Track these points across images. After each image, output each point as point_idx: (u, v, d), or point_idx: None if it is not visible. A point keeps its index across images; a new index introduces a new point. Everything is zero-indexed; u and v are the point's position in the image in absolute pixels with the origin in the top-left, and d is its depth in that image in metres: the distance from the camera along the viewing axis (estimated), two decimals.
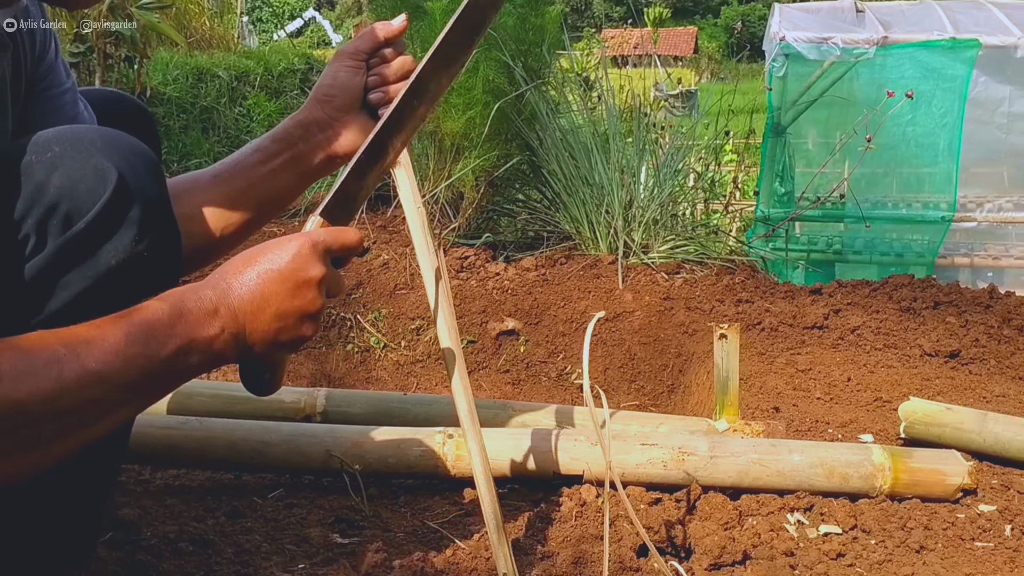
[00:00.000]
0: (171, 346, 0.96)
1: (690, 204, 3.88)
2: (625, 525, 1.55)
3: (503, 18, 3.25)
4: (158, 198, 1.07)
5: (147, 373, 0.94)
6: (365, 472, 1.73)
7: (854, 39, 4.16)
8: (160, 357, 0.95)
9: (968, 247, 4.44)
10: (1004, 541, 1.57)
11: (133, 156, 1.05)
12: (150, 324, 0.95)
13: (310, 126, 1.35)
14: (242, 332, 1.02)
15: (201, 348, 0.98)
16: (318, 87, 1.36)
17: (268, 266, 1.04)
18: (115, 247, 1.02)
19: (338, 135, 1.36)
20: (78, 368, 0.89)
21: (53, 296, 1.00)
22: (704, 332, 2.66)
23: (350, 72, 1.34)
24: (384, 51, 1.35)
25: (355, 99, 1.35)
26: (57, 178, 0.99)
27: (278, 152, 1.36)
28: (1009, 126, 4.32)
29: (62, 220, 0.99)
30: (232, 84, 5.17)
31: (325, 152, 1.36)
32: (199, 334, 0.98)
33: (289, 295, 1.04)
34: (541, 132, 3.32)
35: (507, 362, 2.81)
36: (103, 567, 1.38)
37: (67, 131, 1.05)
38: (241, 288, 1.02)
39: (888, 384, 2.25)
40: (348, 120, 1.35)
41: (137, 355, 0.93)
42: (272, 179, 1.36)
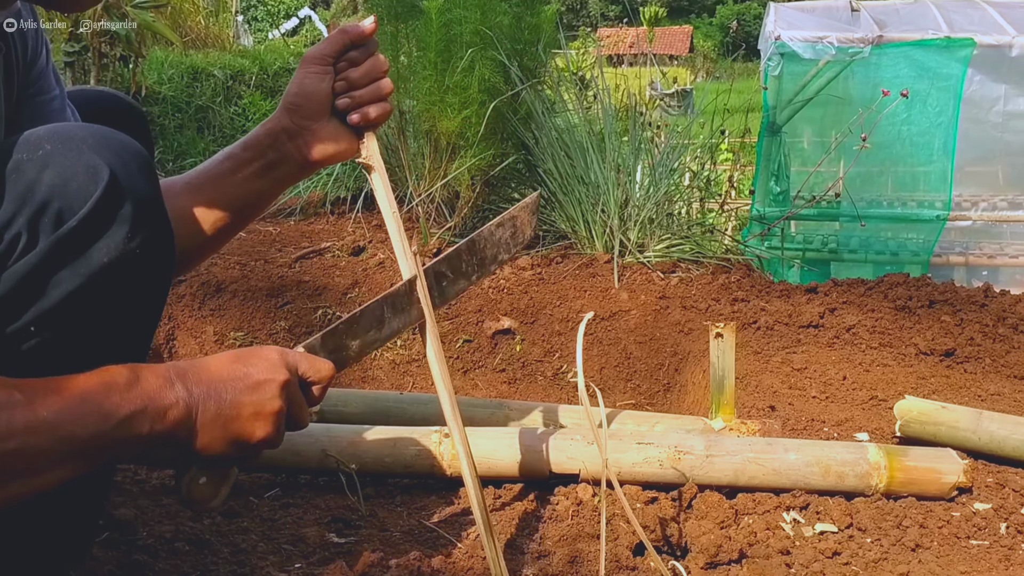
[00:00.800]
0: (126, 409, 0.97)
1: (686, 203, 3.88)
2: (621, 524, 1.55)
3: (499, 17, 3.25)
4: (150, 196, 1.07)
5: (97, 433, 0.95)
6: (361, 471, 1.73)
7: (849, 38, 4.16)
8: (114, 417, 0.96)
9: (963, 246, 4.45)
10: (999, 539, 1.58)
11: (125, 153, 1.05)
12: (109, 384, 0.97)
13: (279, 135, 1.34)
14: (195, 411, 1.03)
15: (154, 415, 0.99)
16: (286, 95, 1.34)
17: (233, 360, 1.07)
18: (107, 245, 1.02)
19: (308, 143, 1.34)
20: (30, 415, 0.91)
21: (45, 294, 0.99)
22: (700, 331, 2.66)
23: (315, 79, 1.31)
24: (352, 54, 1.32)
25: (323, 106, 1.32)
26: (48, 176, 0.99)
27: (249, 160, 1.35)
28: (1004, 125, 4.32)
29: (54, 218, 0.99)
30: (227, 83, 5.17)
31: (295, 161, 1.35)
32: (155, 402, 0.99)
33: (247, 387, 1.06)
34: (537, 131, 3.32)
35: (503, 361, 2.81)
36: (99, 567, 1.38)
37: (58, 129, 1.05)
38: (202, 370, 1.05)
39: (883, 383, 2.25)
40: (317, 128, 1.33)
41: (91, 412, 0.95)
42: (244, 186, 1.36)
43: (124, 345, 1.11)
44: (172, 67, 5.06)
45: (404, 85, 3.37)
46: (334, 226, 3.50)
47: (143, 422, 0.98)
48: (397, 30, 3.40)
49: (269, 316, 2.86)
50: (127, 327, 1.10)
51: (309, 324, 2.87)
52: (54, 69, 1.30)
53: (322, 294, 2.93)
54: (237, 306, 2.86)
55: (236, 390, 1.05)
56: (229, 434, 1.05)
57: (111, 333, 1.07)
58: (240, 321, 2.84)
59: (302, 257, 3.12)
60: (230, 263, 3.02)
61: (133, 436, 0.98)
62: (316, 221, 3.61)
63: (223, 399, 1.04)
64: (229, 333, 2.80)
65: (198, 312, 2.84)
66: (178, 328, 2.81)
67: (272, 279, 2.95)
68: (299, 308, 2.88)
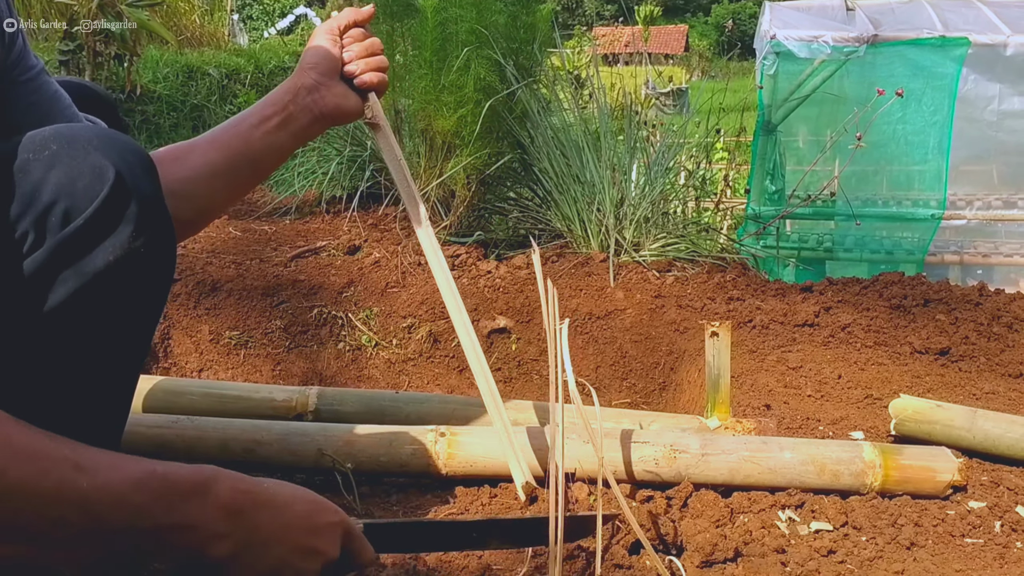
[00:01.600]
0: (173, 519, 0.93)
1: (681, 202, 3.88)
2: (617, 523, 1.55)
3: (494, 16, 3.25)
4: (153, 195, 1.08)
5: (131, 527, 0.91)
6: (357, 470, 1.73)
7: (844, 37, 4.17)
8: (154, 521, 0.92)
9: (958, 245, 4.46)
10: (994, 537, 1.58)
11: (129, 154, 1.06)
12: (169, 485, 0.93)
13: (299, 90, 1.47)
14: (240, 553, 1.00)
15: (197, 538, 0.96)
16: (303, 57, 1.51)
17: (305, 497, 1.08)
18: (112, 244, 1.03)
19: (324, 98, 1.48)
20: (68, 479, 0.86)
21: (51, 292, 1.00)
22: (695, 330, 2.66)
23: (329, 42, 1.50)
24: (355, 31, 1.53)
25: (335, 67, 1.50)
26: (55, 176, 1.00)
27: (271, 115, 1.46)
28: (999, 124, 4.33)
29: (60, 217, 1.00)
30: (222, 82, 5.16)
31: (313, 113, 1.48)
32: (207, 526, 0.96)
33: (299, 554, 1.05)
34: (532, 130, 3.32)
35: (498, 360, 2.81)
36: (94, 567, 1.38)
37: (64, 129, 1.06)
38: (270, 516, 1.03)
39: (878, 381, 2.26)
40: (331, 84, 1.49)
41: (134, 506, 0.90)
42: (266, 140, 1.46)
43: (126, 343, 1.12)
44: (167, 66, 5.05)
45: (400, 84, 3.37)
46: (330, 225, 3.50)
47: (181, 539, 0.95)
48: (393, 29, 3.40)
49: (265, 315, 2.86)
50: (129, 325, 1.11)
51: (304, 323, 2.87)
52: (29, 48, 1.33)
53: (318, 293, 2.93)
54: (233, 305, 2.86)
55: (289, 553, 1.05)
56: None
57: (113, 332, 1.08)
58: (236, 320, 2.83)
59: (297, 256, 3.11)
60: (225, 262, 3.01)
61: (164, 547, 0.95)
62: (311, 220, 3.61)
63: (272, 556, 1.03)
64: (225, 332, 2.80)
65: (193, 311, 2.83)
66: (173, 327, 2.80)
67: (268, 278, 2.94)
68: (295, 307, 2.88)
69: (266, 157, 1.48)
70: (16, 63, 1.26)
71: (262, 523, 1.02)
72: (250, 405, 1.97)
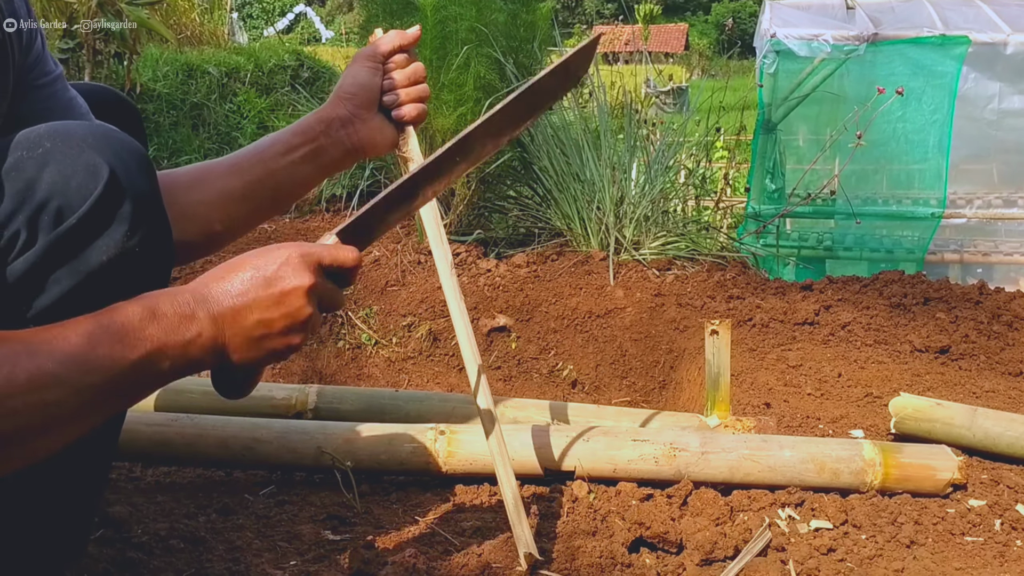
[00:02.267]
0: (140, 349, 0.93)
1: (681, 200, 3.88)
2: (617, 521, 1.55)
3: (494, 15, 3.25)
4: (149, 194, 1.07)
5: (111, 377, 0.91)
6: (356, 469, 1.73)
7: (844, 36, 4.16)
8: (128, 360, 0.92)
9: (958, 243, 4.45)
10: (994, 536, 1.58)
11: (124, 152, 1.05)
12: (119, 325, 0.93)
13: (332, 122, 1.41)
14: (221, 337, 0.99)
15: (174, 353, 0.95)
16: (340, 86, 1.43)
17: (253, 272, 1.02)
18: (106, 243, 1.02)
19: (358, 131, 1.42)
20: (32, 367, 0.87)
21: (44, 292, 0.99)
22: (695, 328, 2.66)
23: (369, 73, 1.42)
24: (398, 57, 1.44)
25: (374, 98, 1.43)
26: (48, 174, 0.99)
27: (299, 145, 1.41)
28: (999, 123, 4.33)
29: (53, 216, 0.99)
30: (222, 80, 5.15)
31: (344, 147, 1.43)
32: (173, 338, 0.95)
33: (274, 302, 1.01)
34: (532, 129, 3.32)
35: (498, 359, 2.81)
36: (93, 565, 1.38)
37: (58, 127, 1.05)
38: (222, 293, 1.00)
39: (878, 380, 2.26)
40: (368, 117, 1.43)
41: (101, 357, 0.90)
42: (291, 170, 1.41)
43: None
44: (166, 64, 5.04)
45: None
46: (329, 223, 3.50)
47: (161, 360, 0.95)
48: (392, 27, 3.39)
49: None
50: None
51: None
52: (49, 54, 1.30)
53: None
54: None
55: (263, 307, 1.01)
56: (261, 350, 1.03)
57: None
58: None
59: None
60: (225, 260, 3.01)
61: (152, 376, 0.95)
62: (312, 219, 3.61)
63: (250, 320, 1.01)
64: None
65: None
66: None
67: None
68: None
69: (289, 188, 1.43)
70: (32, 66, 1.24)
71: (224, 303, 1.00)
72: (250, 403, 1.97)
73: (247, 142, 4.73)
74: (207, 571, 1.41)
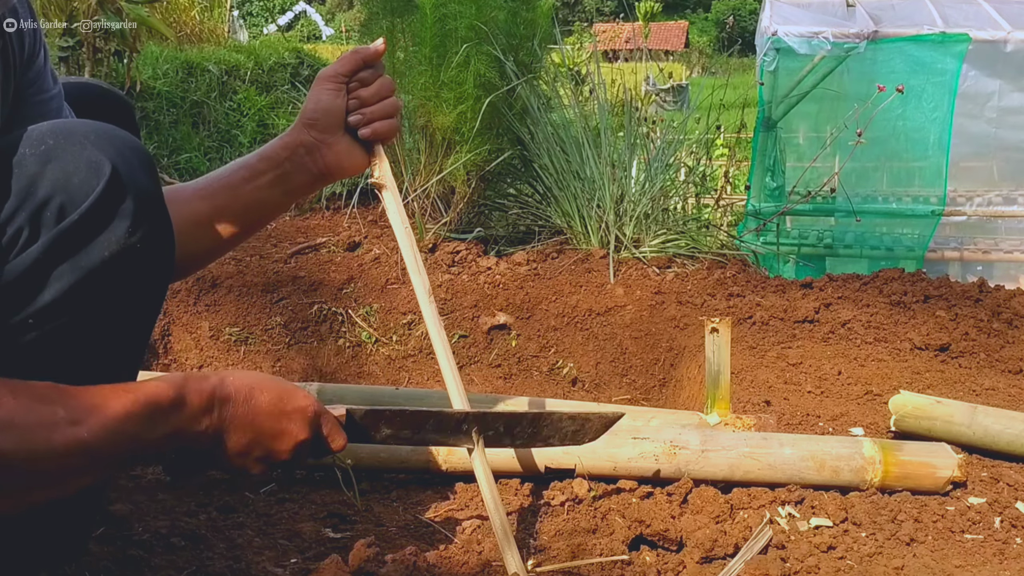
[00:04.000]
0: (160, 432, 1.03)
1: (681, 198, 3.88)
2: (617, 519, 1.55)
3: (494, 12, 3.25)
4: (151, 191, 1.08)
5: (129, 450, 1.01)
6: (357, 467, 1.73)
7: (845, 33, 4.16)
8: (147, 440, 1.01)
9: (958, 241, 4.45)
10: (993, 533, 1.58)
11: (126, 149, 1.06)
12: (152, 408, 1.01)
13: (297, 148, 1.40)
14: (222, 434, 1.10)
15: (184, 438, 1.06)
16: (303, 111, 1.41)
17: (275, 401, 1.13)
18: (108, 239, 1.02)
19: (324, 156, 1.41)
20: (71, 438, 0.94)
21: (46, 288, 1.00)
22: (695, 326, 2.66)
23: (331, 95, 1.39)
24: (362, 74, 1.40)
25: (338, 121, 1.40)
26: (51, 171, 1.00)
27: (264, 171, 1.40)
28: (999, 120, 4.33)
29: (56, 212, 0.99)
30: (222, 78, 5.14)
31: (311, 173, 1.41)
32: (190, 428, 1.06)
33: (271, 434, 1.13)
34: (532, 126, 3.32)
35: (498, 356, 2.81)
36: (94, 562, 1.38)
37: (61, 124, 1.06)
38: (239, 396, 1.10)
39: (878, 377, 2.26)
40: (333, 141, 1.40)
41: (129, 435, 0.99)
42: (257, 195, 1.41)
43: (124, 339, 1.12)
44: (166, 62, 5.03)
45: (400, 80, 3.36)
46: (330, 221, 3.50)
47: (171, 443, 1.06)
48: (393, 25, 3.40)
49: (265, 311, 2.86)
50: (127, 321, 1.11)
51: (304, 320, 2.86)
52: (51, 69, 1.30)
53: (318, 289, 2.93)
54: (232, 301, 2.86)
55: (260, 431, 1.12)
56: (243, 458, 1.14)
57: (111, 327, 1.08)
58: (236, 316, 2.83)
59: (297, 252, 3.11)
60: (225, 259, 3.01)
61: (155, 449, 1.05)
62: (312, 217, 3.61)
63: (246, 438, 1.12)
64: (225, 328, 2.80)
65: (193, 308, 2.83)
66: (173, 323, 2.80)
67: (268, 274, 2.94)
68: (295, 303, 2.88)
69: (256, 212, 1.43)
70: (32, 81, 1.24)
71: (230, 414, 1.09)
72: None
73: (247, 140, 4.74)
74: (208, 569, 1.41)
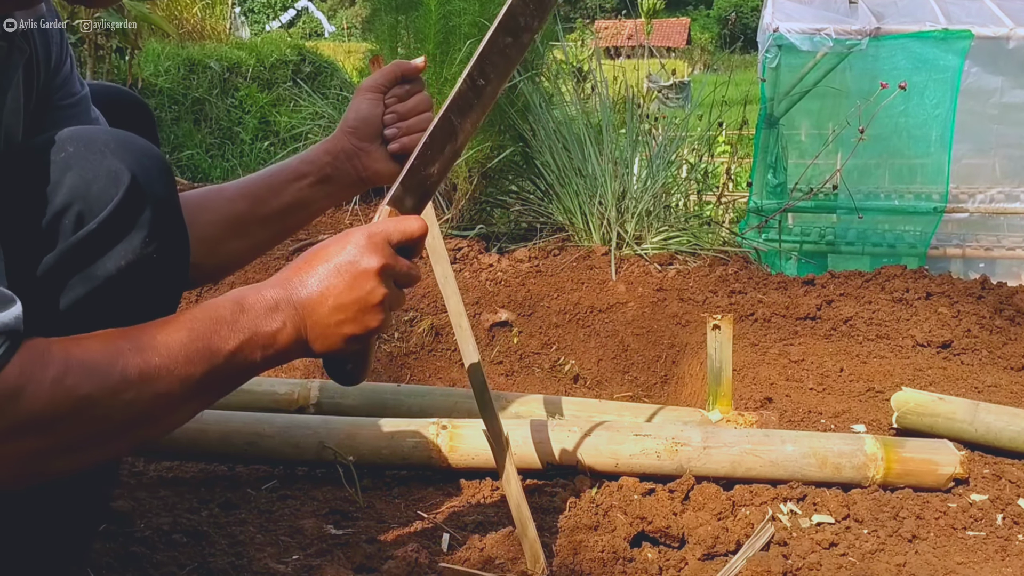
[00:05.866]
0: (234, 341, 0.99)
1: (683, 195, 3.88)
2: (619, 515, 1.55)
3: (497, 8, 3.24)
4: (168, 200, 1.08)
5: (211, 368, 0.97)
6: (359, 463, 1.73)
7: (847, 30, 4.15)
8: (224, 352, 0.98)
9: (960, 238, 4.45)
10: (995, 530, 1.58)
11: (145, 158, 1.06)
12: (213, 320, 0.99)
13: (338, 154, 1.44)
14: (303, 326, 1.04)
15: (264, 343, 1.01)
16: (344, 119, 1.45)
17: (326, 262, 1.07)
18: (125, 248, 1.03)
19: (363, 163, 1.44)
20: (142, 363, 0.92)
21: (63, 295, 1.00)
22: (697, 323, 2.66)
23: (370, 105, 1.43)
24: (400, 88, 1.45)
25: (376, 130, 1.44)
26: (70, 179, 1.00)
27: (307, 173, 1.43)
28: (1001, 117, 4.32)
29: (73, 220, 0.99)
30: (224, 75, 5.15)
31: (351, 178, 1.45)
32: (261, 328, 1.01)
33: (347, 287, 1.05)
34: (534, 123, 3.32)
35: (500, 353, 2.81)
36: (97, 559, 1.38)
37: (80, 132, 1.06)
38: (300, 284, 1.05)
39: (880, 374, 2.26)
40: (372, 149, 1.44)
41: (200, 351, 0.96)
42: (298, 195, 1.43)
43: None
44: (168, 59, 5.04)
45: None
46: (331, 218, 3.50)
47: (253, 351, 1.01)
48: (396, 21, 3.40)
49: None
50: None
51: None
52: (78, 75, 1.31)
53: None
54: None
55: (336, 294, 1.05)
56: (342, 335, 1.06)
57: None
58: None
59: (299, 249, 3.11)
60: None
61: (247, 366, 1.01)
62: None
63: (326, 308, 1.05)
64: None
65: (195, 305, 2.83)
66: None
67: (270, 271, 2.94)
68: None
69: (297, 213, 1.45)
70: (61, 86, 1.25)
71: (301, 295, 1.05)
72: (252, 398, 1.98)
73: (249, 137, 4.74)
74: (210, 565, 1.42)
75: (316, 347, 1.06)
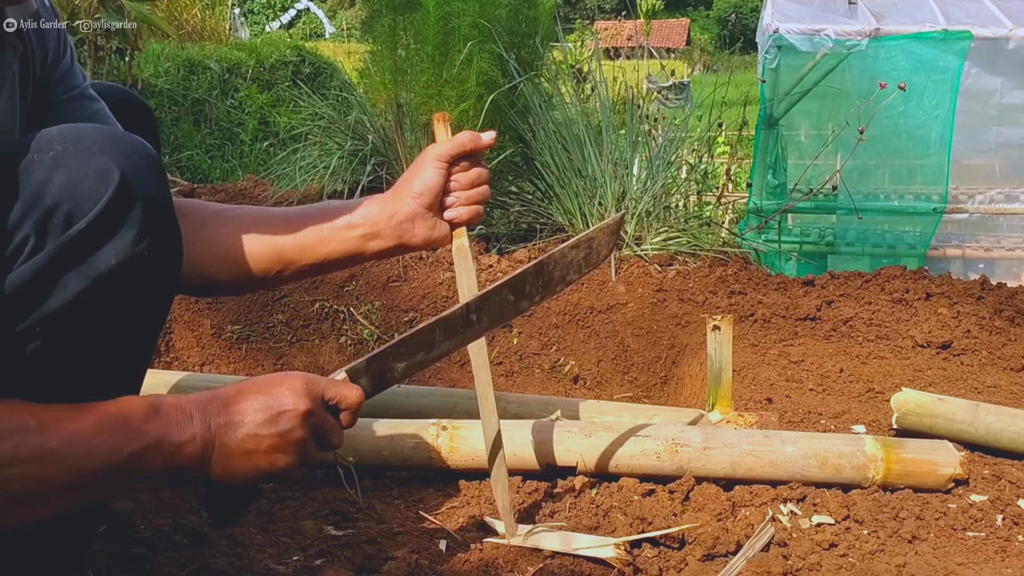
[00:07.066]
0: (138, 443, 0.98)
1: (683, 196, 3.88)
2: (619, 516, 1.55)
3: (497, 10, 3.25)
4: (160, 198, 1.07)
5: (105, 466, 0.96)
6: (359, 464, 1.73)
7: (846, 31, 4.15)
8: (125, 451, 0.97)
9: (960, 238, 4.45)
10: (995, 531, 1.58)
11: (136, 156, 1.05)
12: (124, 418, 0.98)
13: (395, 215, 1.43)
14: (211, 446, 1.03)
15: (168, 451, 1.00)
16: (410, 183, 1.44)
17: (256, 393, 1.07)
18: (116, 247, 1.02)
19: (416, 227, 1.44)
20: (38, 443, 0.92)
21: (52, 295, 0.99)
22: (697, 324, 2.66)
23: (437, 174, 1.44)
24: (465, 160, 1.46)
25: (437, 199, 1.45)
26: (59, 177, 0.99)
27: (359, 225, 1.43)
28: (1000, 118, 4.32)
29: (63, 219, 0.98)
30: (223, 76, 5.15)
31: (400, 239, 1.44)
32: (170, 436, 1.00)
33: (268, 420, 1.06)
34: (534, 124, 3.32)
35: (500, 354, 2.81)
36: (97, 560, 1.38)
37: (70, 130, 1.05)
38: (223, 405, 1.05)
39: (880, 375, 2.26)
40: (428, 215, 1.44)
41: (102, 444, 0.95)
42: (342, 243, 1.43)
43: (128, 348, 1.11)
44: (168, 60, 5.04)
45: (402, 78, 3.36)
46: None
47: (154, 458, 0.99)
48: (395, 22, 3.39)
49: (266, 309, 2.86)
50: (132, 329, 1.10)
51: (306, 317, 2.87)
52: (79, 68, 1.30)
53: (319, 287, 2.93)
54: (234, 299, 2.86)
55: (256, 423, 1.06)
56: (249, 466, 1.07)
57: (116, 336, 1.07)
58: (237, 314, 2.84)
59: None
60: None
61: (142, 471, 0.99)
62: None
63: (241, 433, 1.05)
64: (226, 326, 2.80)
65: (195, 305, 2.84)
66: (175, 321, 2.80)
67: None
68: (296, 301, 2.88)
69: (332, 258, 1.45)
70: (60, 81, 1.24)
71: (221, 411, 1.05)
72: None
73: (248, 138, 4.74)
74: (210, 566, 1.42)
75: (216, 471, 1.05)
